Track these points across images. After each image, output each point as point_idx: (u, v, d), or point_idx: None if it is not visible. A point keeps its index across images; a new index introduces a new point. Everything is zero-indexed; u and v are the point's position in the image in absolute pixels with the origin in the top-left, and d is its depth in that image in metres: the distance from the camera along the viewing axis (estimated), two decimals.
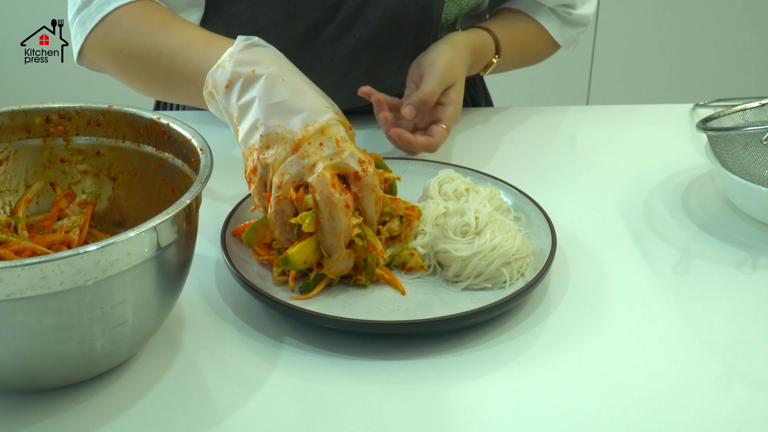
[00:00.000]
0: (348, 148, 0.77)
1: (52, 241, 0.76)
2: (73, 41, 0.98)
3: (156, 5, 0.95)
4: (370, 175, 0.77)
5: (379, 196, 0.79)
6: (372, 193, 0.78)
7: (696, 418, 0.67)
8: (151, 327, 0.69)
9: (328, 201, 0.75)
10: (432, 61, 1.02)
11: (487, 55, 1.12)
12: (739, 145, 0.97)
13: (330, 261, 0.77)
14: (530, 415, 0.67)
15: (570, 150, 1.14)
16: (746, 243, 0.91)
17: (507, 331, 0.76)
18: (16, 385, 0.66)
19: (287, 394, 0.69)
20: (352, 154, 0.77)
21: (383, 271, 0.81)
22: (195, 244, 0.73)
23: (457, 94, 1.02)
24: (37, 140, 0.80)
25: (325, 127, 0.77)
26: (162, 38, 0.89)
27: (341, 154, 0.76)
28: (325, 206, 0.75)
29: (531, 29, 1.17)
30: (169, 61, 0.88)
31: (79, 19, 0.96)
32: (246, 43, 0.81)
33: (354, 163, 0.77)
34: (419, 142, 0.99)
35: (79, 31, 0.97)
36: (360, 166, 0.77)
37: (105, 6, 0.94)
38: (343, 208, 0.75)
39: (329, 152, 0.76)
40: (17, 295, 0.58)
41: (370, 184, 0.77)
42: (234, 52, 0.80)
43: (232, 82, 0.79)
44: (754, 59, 2.60)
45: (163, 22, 0.92)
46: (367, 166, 0.77)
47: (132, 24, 0.93)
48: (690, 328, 0.78)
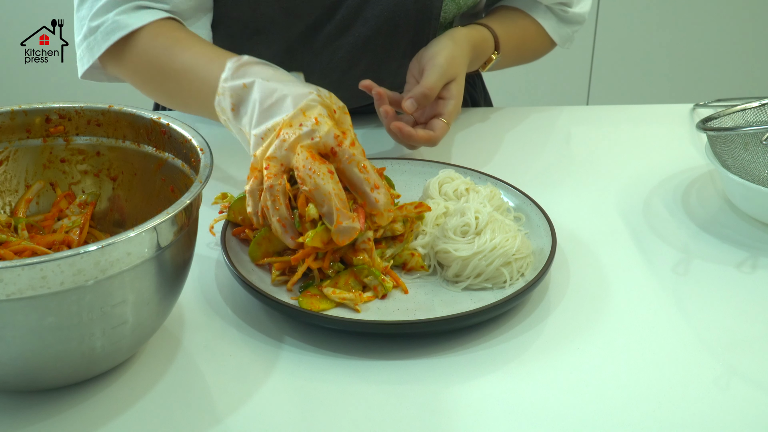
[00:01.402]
0: (326, 125, 0.77)
1: (52, 241, 0.76)
2: (79, 62, 1.02)
3: (163, 26, 0.97)
4: (346, 146, 0.77)
5: (364, 165, 0.78)
6: (351, 162, 0.77)
7: (696, 418, 0.67)
8: (151, 327, 0.69)
9: (310, 172, 0.75)
10: (433, 55, 1.02)
11: (486, 51, 1.12)
12: (739, 145, 0.97)
13: (334, 230, 0.75)
14: (530, 415, 0.67)
15: (570, 150, 1.14)
16: (746, 243, 0.91)
17: (507, 331, 0.76)
18: (16, 385, 0.66)
19: (287, 394, 0.69)
20: (329, 131, 0.77)
21: (388, 274, 0.81)
22: (195, 244, 0.73)
23: (458, 89, 1.02)
24: (37, 140, 0.80)
25: (305, 108, 0.78)
26: (168, 61, 0.94)
27: (318, 132, 0.77)
28: (309, 178, 0.75)
29: (528, 27, 1.18)
30: (178, 83, 0.93)
31: (86, 44, 0.99)
32: (236, 65, 0.84)
33: (330, 140, 0.77)
34: (420, 135, 0.99)
35: (86, 54, 1.00)
36: (335, 141, 0.77)
37: (111, 35, 0.97)
38: (326, 173, 0.75)
39: (307, 130, 0.77)
40: (17, 295, 0.58)
41: (347, 154, 0.77)
42: (227, 78, 0.84)
43: (235, 105, 0.83)
44: (754, 59, 2.60)
45: (169, 44, 0.95)
46: (342, 139, 0.77)
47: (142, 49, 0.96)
48: (690, 328, 0.78)
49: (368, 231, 0.79)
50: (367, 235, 0.79)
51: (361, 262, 0.79)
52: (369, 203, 0.78)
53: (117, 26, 0.97)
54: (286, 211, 0.77)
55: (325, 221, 0.76)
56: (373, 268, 0.79)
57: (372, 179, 0.78)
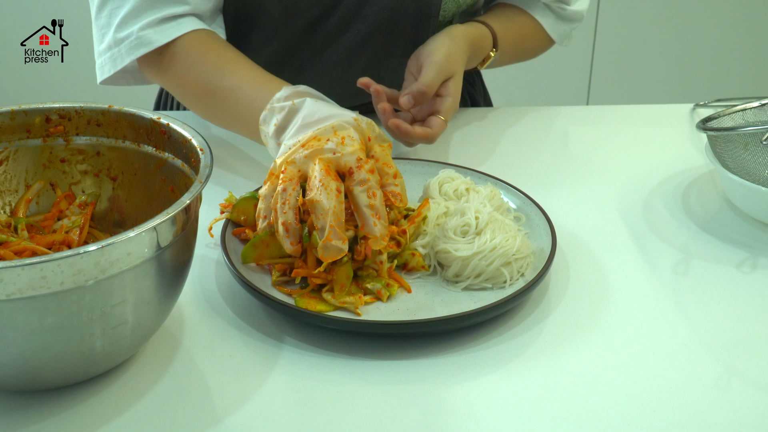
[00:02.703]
0: (351, 146, 0.78)
1: (52, 242, 0.76)
2: (99, 70, 1.02)
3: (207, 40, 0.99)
4: (364, 170, 0.77)
5: (374, 192, 0.77)
6: (363, 185, 0.77)
7: (696, 418, 0.67)
8: (151, 327, 0.69)
9: (319, 183, 0.75)
10: (431, 53, 1.02)
11: (485, 49, 1.12)
12: (739, 145, 0.97)
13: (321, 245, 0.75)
14: (530, 415, 0.67)
15: (570, 150, 1.14)
16: (746, 243, 0.91)
17: (507, 331, 0.76)
18: (16, 385, 0.66)
19: (287, 394, 0.69)
20: (353, 152, 0.77)
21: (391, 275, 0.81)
22: (195, 244, 0.73)
23: (456, 86, 1.02)
24: (37, 140, 0.80)
25: (337, 128, 0.80)
26: (217, 80, 0.96)
27: (341, 150, 0.77)
28: (316, 189, 0.75)
29: (527, 24, 1.18)
30: (223, 102, 0.95)
31: (110, 55, 1.00)
32: (292, 90, 0.87)
33: (351, 160, 0.77)
34: (417, 132, 0.99)
35: (108, 64, 1.00)
36: (356, 164, 0.77)
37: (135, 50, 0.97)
38: (333, 190, 0.75)
39: (331, 146, 0.78)
40: (17, 295, 0.58)
41: (361, 176, 0.77)
42: (280, 98, 0.87)
43: (280, 122, 0.86)
44: (754, 59, 2.60)
45: (219, 63, 0.97)
46: (363, 164, 0.78)
47: (190, 64, 0.98)
48: (690, 328, 0.78)
49: (381, 254, 0.79)
50: (380, 258, 0.79)
51: (367, 274, 0.79)
52: (367, 226, 0.77)
53: (141, 42, 0.97)
54: (293, 216, 0.77)
55: (315, 234, 0.76)
56: (379, 277, 0.79)
57: (377, 208, 0.77)
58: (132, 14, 0.96)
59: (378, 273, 0.79)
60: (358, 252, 0.78)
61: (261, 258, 0.80)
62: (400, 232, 0.81)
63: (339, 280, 0.77)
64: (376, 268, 0.79)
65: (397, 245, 0.81)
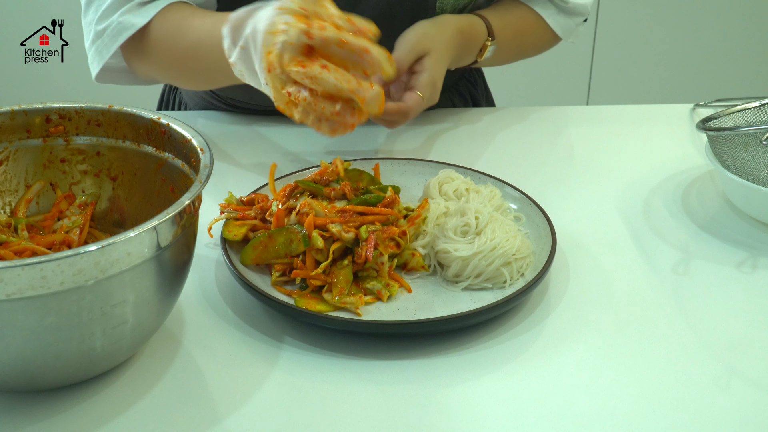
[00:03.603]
0: (292, 28, 0.74)
1: (52, 242, 0.76)
2: (91, 66, 1.03)
3: (169, 11, 0.97)
4: (317, 35, 0.74)
5: (341, 40, 0.74)
6: (329, 45, 0.74)
7: (696, 418, 0.67)
8: (151, 327, 0.69)
9: (308, 79, 0.73)
10: (404, 34, 1.00)
11: (478, 38, 1.10)
12: (739, 145, 0.97)
13: (363, 107, 0.74)
14: (530, 415, 0.67)
15: (570, 150, 1.14)
16: (746, 243, 0.91)
17: (507, 331, 0.76)
18: (16, 385, 0.66)
19: (287, 394, 0.69)
20: (297, 34, 0.73)
21: (391, 275, 0.81)
22: (195, 244, 0.73)
23: (432, 63, 0.99)
24: (37, 140, 0.80)
25: (271, 28, 0.75)
26: (181, 41, 0.95)
27: (289, 40, 0.74)
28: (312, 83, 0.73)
29: (527, 16, 1.16)
30: (196, 59, 0.94)
31: (95, 48, 1.00)
32: (230, 28, 0.81)
33: (303, 39, 0.74)
34: (390, 107, 0.96)
35: (96, 58, 1.01)
36: (306, 37, 0.74)
37: (117, 37, 0.97)
38: (321, 70, 0.73)
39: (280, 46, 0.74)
40: (17, 295, 0.58)
41: (320, 40, 0.74)
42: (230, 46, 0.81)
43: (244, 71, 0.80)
44: (754, 59, 2.60)
45: (177, 25, 0.96)
46: (311, 32, 0.74)
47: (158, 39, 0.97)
48: (690, 328, 0.78)
49: (382, 256, 0.79)
50: (382, 260, 0.79)
51: (367, 274, 0.79)
52: (365, 63, 0.75)
53: (122, 27, 0.97)
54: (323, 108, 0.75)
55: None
56: (380, 278, 0.79)
57: (356, 47, 0.75)
58: (113, 5, 0.97)
59: (378, 273, 0.79)
60: (358, 255, 0.78)
61: (260, 259, 0.80)
62: (400, 234, 0.81)
63: (338, 284, 0.77)
64: (376, 269, 0.79)
65: (397, 246, 0.81)
